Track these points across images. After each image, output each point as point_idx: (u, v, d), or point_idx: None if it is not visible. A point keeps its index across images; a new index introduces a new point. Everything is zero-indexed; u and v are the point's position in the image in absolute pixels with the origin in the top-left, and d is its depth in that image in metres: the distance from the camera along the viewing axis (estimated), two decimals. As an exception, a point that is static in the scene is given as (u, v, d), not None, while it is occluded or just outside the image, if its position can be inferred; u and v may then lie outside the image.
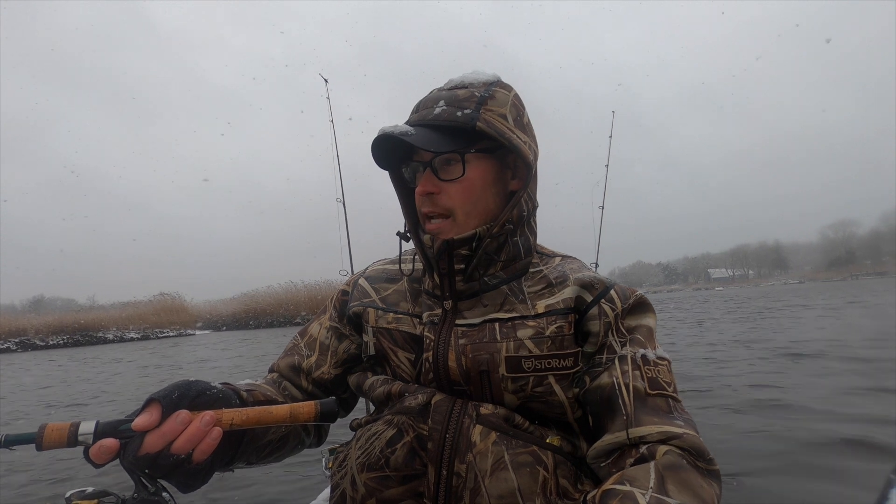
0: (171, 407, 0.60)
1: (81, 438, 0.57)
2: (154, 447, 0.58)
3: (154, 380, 8.18)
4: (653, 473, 0.63)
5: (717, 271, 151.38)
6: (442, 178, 0.80)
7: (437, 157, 0.80)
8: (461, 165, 0.80)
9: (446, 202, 0.81)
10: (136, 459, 0.58)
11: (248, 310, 28.56)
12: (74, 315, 26.82)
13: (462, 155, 0.79)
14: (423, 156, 0.82)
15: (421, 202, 0.82)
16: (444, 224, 0.81)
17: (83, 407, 6.00)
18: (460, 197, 0.80)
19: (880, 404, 3.45)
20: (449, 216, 0.81)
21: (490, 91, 0.81)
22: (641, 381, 0.73)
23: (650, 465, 0.64)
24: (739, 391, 4.16)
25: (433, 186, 0.80)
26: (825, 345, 6.45)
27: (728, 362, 5.63)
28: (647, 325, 0.80)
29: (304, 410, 0.64)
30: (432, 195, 0.81)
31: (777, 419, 3.29)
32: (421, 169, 0.82)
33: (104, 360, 12.99)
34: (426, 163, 0.81)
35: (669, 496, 0.60)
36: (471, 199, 0.81)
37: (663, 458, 0.65)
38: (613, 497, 0.61)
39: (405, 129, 0.76)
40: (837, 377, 4.46)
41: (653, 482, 0.61)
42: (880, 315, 9.78)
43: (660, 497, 0.59)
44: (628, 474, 0.64)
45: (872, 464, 2.42)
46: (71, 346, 23.73)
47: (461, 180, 0.80)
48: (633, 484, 0.62)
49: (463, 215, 0.81)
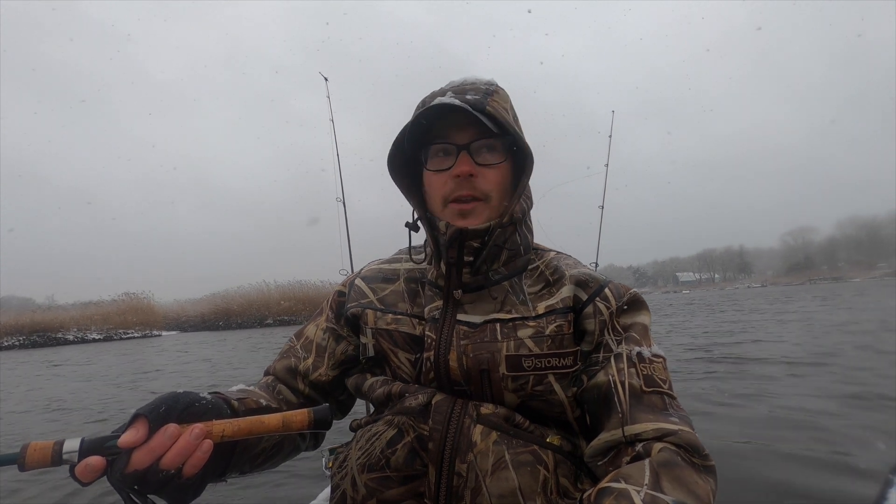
0: (158, 421, 0.58)
1: (66, 457, 0.54)
2: (142, 463, 0.56)
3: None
4: (647, 471, 0.63)
5: (685, 275, 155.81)
6: (480, 164, 0.80)
7: (475, 141, 0.80)
8: (501, 153, 0.81)
9: (484, 185, 0.81)
10: (123, 477, 0.56)
11: (217, 310, 27.87)
12: (31, 315, 25.62)
13: (506, 142, 0.81)
14: (456, 138, 0.81)
15: (454, 185, 0.81)
16: (477, 205, 0.81)
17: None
18: (497, 182, 0.82)
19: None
20: (483, 199, 0.81)
21: (493, 88, 0.83)
22: (637, 378, 0.74)
23: (645, 462, 0.65)
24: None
25: (473, 168, 0.80)
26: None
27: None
28: (641, 323, 0.81)
29: (296, 419, 0.63)
30: (472, 178, 0.80)
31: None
32: (454, 151, 0.81)
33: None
34: (461, 146, 0.80)
35: (664, 493, 0.60)
36: (503, 185, 0.82)
37: (658, 456, 0.66)
38: (608, 495, 0.62)
39: (464, 103, 0.76)
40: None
41: (647, 479, 0.62)
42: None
43: (654, 494, 0.60)
44: (623, 472, 0.64)
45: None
46: (28, 348, 22.67)
47: (500, 166, 0.81)
48: (628, 481, 0.62)
49: (498, 200, 0.82)
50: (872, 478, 2.31)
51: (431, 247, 0.85)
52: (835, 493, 2.24)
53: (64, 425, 4.89)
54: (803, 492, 2.27)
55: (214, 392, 0.72)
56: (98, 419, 5.06)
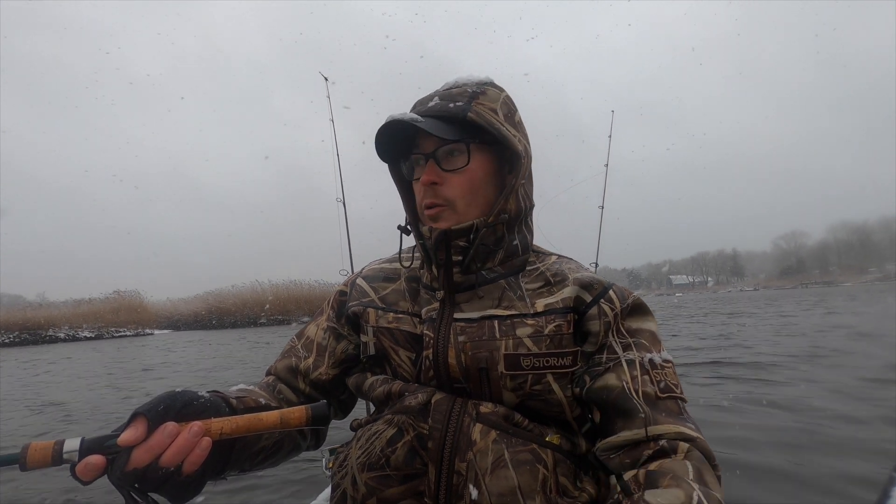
0: (157, 420, 0.58)
1: (66, 456, 0.55)
2: (142, 461, 0.57)
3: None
4: (690, 466, 0.65)
5: (678, 277, 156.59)
6: (445, 169, 0.81)
7: (440, 148, 0.81)
8: (465, 156, 0.81)
9: (448, 192, 0.81)
10: (123, 475, 0.56)
11: (210, 309, 27.73)
12: (22, 312, 25.36)
13: (468, 145, 0.81)
14: (424, 147, 0.82)
15: (423, 193, 0.83)
16: (443, 210, 0.82)
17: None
18: (462, 187, 0.81)
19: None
20: (448, 206, 0.82)
21: (482, 88, 0.83)
22: (651, 385, 0.75)
23: (684, 460, 0.66)
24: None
25: (436, 176, 0.81)
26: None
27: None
28: (649, 329, 0.82)
29: (294, 416, 0.63)
30: (435, 185, 0.81)
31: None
32: (422, 161, 0.83)
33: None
34: (428, 154, 0.81)
35: (710, 488, 0.62)
36: (472, 189, 0.82)
37: (691, 454, 0.67)
38: (663, 476, 0.63)
39: (413, 116, 0.77)
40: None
41: (692, 474, 0.63)
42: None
43: (705, 488, 0.61)
44: (666, 465, 0.65)
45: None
46: (18, 346, 22.45)
47: (464, 171, 0.81)
48: (676, 472, 0.63)
49: (464, 205, 0.82)
50: (873, 477, 2.32)
51: (420, 250, 0.87)
52: (836, 492, 2.25)
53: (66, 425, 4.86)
54: (804, 492, 2.29)
55: (213, 391, 0.72)
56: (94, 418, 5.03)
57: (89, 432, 0.61)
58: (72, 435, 0.57)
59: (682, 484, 0.61)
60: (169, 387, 0.84)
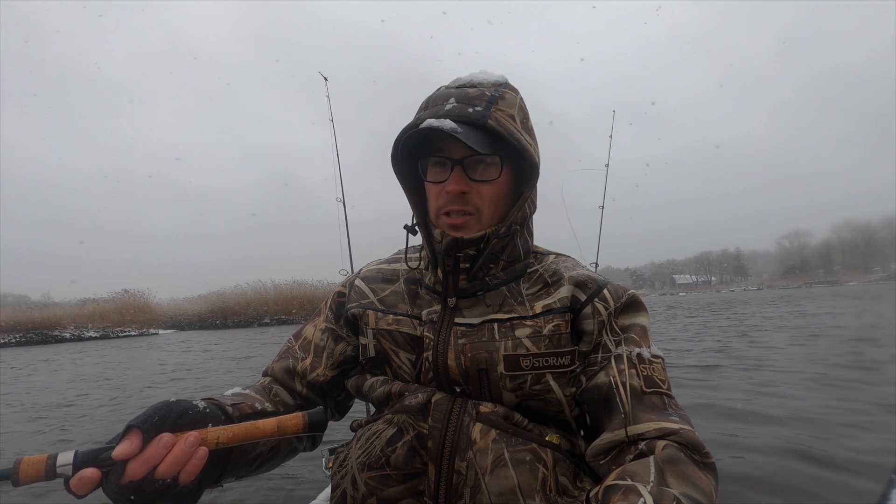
0: (152, 431, 0.58)
1: (60, 470, 0.54)
2: (137, 474, 0.56)
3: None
4: (653, 467, 0.64)
5: (681, 277, 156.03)
6: (475, 179, 0.80)
7: (469, 157, 0.79)
8: (498, 169, 0.80)
9: (477, 201, 0.81)
10: (119, 488, 0.56)
11: (214, 309, 27.82)
12: (27, 312, 25.48)
13: (502, 159, 0.80)
14: (452, 153, 0.80)
15: (446, 199, 0.81)
16: (468, 220, 0.81)
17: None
18: (491, 198, 0.81)
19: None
20: (475, 214, 0.81)
21: (500, 91, 0.81)
22: (637, 379, 0.75)
23: (650, 459, 0.66)
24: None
25: (466, 185, 0.80)
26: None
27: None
28: (640, 324, 0.82)
29: (291, 423, 0.63)
30: (464, 194, 0.80)
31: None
32: (449, 165, 0.80)
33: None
34: (455, 160, 0.79)
35: (670, 487, 0.61)
36: (497, 200, 0.82)
37: (662, 453, 0.67)
38: (616, 492, 0.62)
39: (452, 126, 0.74)
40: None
41: (653, 475, 0.63)
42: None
43: (661, 488, 0.61)
44: (629, 469, 0.65)
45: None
46: (24, 345, 22.56)
47: (495, 183, 0.81)
48: (634, 478, 0.63)
49: (489, 215, 0.82)
50: (875, 477, 2.33)
51: (428, 253, 0.86)
52: (837, 492, 2.25)
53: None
54: (804, 491, 2.29)
55: (208, 398, 0.72)
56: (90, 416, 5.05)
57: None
58: (69, 447, 0.56)
59: (630, 497, 0.60)
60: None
